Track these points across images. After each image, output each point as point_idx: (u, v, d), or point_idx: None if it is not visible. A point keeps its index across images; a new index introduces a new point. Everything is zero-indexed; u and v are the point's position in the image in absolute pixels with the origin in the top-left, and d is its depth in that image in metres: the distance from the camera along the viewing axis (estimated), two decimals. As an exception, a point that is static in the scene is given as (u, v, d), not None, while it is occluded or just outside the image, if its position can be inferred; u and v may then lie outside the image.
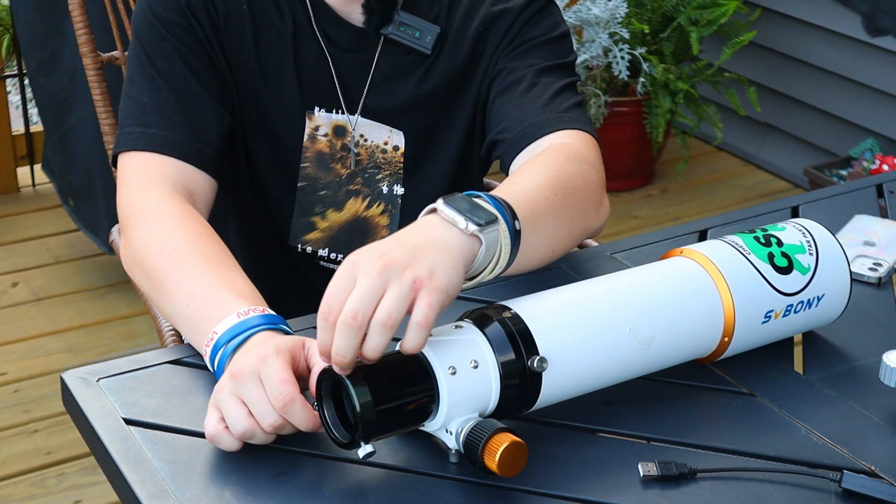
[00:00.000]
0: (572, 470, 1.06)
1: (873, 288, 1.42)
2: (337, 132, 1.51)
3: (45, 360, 2.77)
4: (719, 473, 1.07)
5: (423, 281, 0.99)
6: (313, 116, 1.50)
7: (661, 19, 3.57)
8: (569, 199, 1.26)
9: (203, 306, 1.16)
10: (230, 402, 1.03)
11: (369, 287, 0.98)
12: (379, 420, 0.99)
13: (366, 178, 1.53)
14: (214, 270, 1.21)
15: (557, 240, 1.28)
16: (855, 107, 3.59)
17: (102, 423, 1.10)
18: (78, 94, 2.88)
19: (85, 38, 1.78)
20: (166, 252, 1.24)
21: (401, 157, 1.53)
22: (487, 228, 1.07)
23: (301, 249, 1.56)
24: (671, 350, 1.16)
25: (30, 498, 2.36)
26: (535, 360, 1.04)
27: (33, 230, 3.32)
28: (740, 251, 1.20)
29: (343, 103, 1.50)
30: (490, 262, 1.09)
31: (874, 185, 1.69)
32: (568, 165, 1.31)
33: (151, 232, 1.28)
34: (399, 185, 1.54)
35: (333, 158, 1.52)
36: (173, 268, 1.22)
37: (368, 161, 1.52)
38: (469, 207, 1.07)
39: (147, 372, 1.18)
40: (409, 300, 0.99)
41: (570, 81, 1.49)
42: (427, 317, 0.98)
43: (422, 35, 1.49)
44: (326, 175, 1.52)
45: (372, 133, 1.52)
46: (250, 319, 1.11)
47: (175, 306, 1.20)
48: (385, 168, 1.53)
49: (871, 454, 1.11)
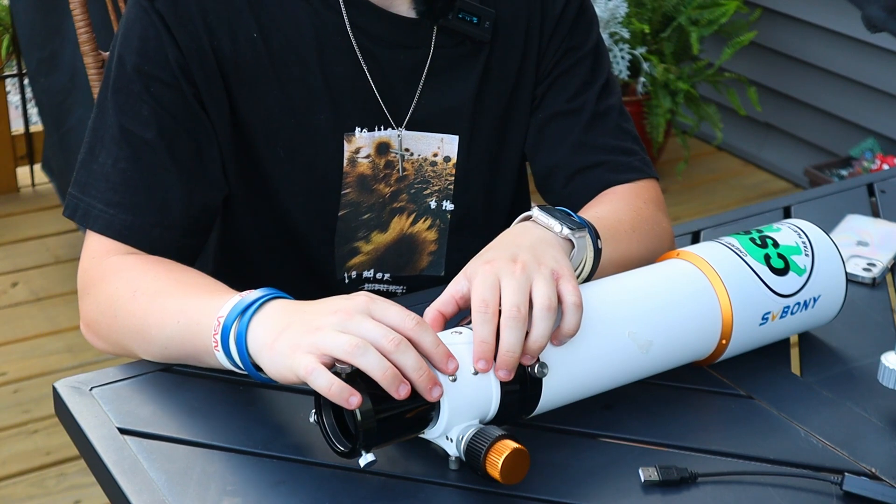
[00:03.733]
0: (573, 475, 1.06)
1: (867, 288, 1.42)
2: (380, 150, 1.37)
3: (44, 360, 2.77)
4: (720, 477, 1.07)
5: (558, 271, 1.09)
6: (353, 139, 1.35)
7: (662, 19, 3.57)
8: (644, 240, 1.33)
9: (197, 311, 1.13)
10: (337, 333, 1.00)
11: (518, 284, 1.05)
12: (380, 428, 0.99)
13: (412, 193, 1.40)
14: (199, 287, 1.17)
15: (626, 266, 1.28)
16: (855, 107, 3.59)
17: (97, 433, 1.09)
18: (78, 94, 2.88)
19: (86, 37, 1.77)
20: (140, 293, 1.18)
21: (452, 169, 1.40)
22: (578, 233, 1.17)
23: (344, 277, 1.43)
24: (669, 353, 1.16)
25: (30, 498, 2.36)
26: (536, 366, 1.04)
27: (33, 230, 3.32)
28: (737, 253, 1.20)
29: (388, 115, 1.36)
30: (577, 269, 1.18)
31: (865, 184, 1.69)
32: (646, 209, 1.38)
33: (117, 284, 1.22)
34: (448, 201, 1.41)
35: (376, 179, 1.38)
36: (153, 301, 1.17)
37: (416, 176, 1.40)
38: (562, 216, 1.18)
39: (140, 380, 1.17)
40: (555, 289, 1.07)
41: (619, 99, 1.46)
42: (579, 297, 1.07)
43: (480, 20, 1.35)
44: (369, 198, 1.39)
45: (419, 146, 1.38)
46: (253, 294, 1.08)
47: (164, 330, 1.15)
48: (434, 183, 1.40)
49: (872, 456, 1.11)
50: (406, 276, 1.45)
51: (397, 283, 1.45)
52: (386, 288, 1.45)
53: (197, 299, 1.15)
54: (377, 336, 1.00)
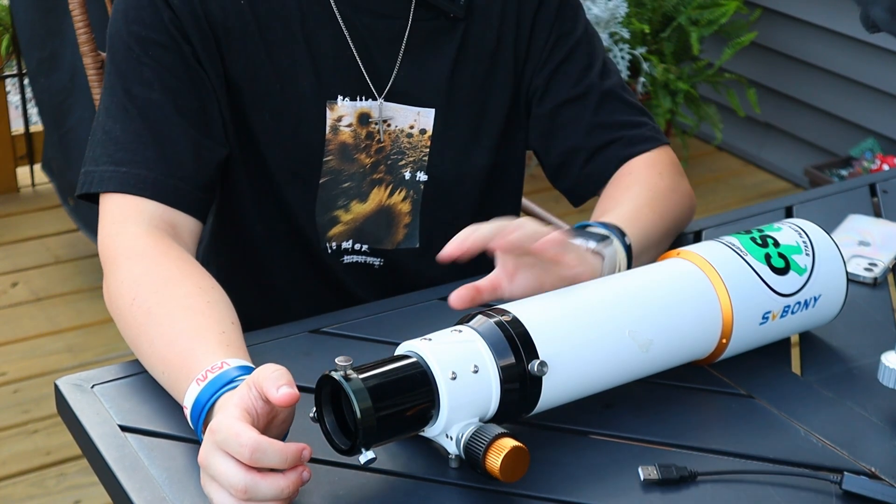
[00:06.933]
0: (572, 474, 1.06)
1: (869, 288, 1.42)
2: (361, 120, 1.42)
3: (44, 360, 2.77)
4: (720, 476, 1.07)
5: None
6: (335, 107, 1.41)
7: (662, 19, 3.57)
8: (666, 213, 1.41)
9: (175, 376, 1.11)
10: (210, 489, 0.99)
11: None
12: (380, 426, 0.98)
13: (388, 164, 1.45)
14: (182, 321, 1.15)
15: (659, 246, 1.38)
16: (855, 107, 3.59)
17: (98, 430, 1.10)
18: (78, 94, 2.88)
19: (85, 38, 1.78)
20: (137, 304, 1.18)
21: (427, 141, 1.45)
22: (604, 244, 1.24)
23: (327, 247, 1.47)
24: (670, 352, 1.16)
25: (30, 498, 2.37)
26: (536, 364, 1.04)
27: (33, 230, 3.32)
28: (737, 252, 1.20)
29: (370, 84, 1.41)
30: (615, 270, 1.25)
31: (867, 184, 1.70)
32: (661, 181, 1.44)
33: (124, 276, 1.22)
34: (422, 172, 1.46)
35: (357, 149, 1.43)
36: (145, 324, 1.16)
37: (392, 147, 1.44)
38: (585, 234, 1.24)
39: (141, 378, 1.17)
40: None
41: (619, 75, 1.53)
42: None
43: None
44: (350, 166, 1.43)
45: (398, 117, 1.43)
46: (210, 385, 1.05)
47: (154, 371, 1.15)
48: (409, 154, 1.45)
49: (871, 456, 1.11)
50: (383, 250, 1.48)
51: (375, 256, 1.48)
52: (364, 259, 1.48)
53: (177, 352, 1.12)
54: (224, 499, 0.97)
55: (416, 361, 1.02)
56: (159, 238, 1.26)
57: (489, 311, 1.08)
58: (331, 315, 1.31)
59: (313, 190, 1.43)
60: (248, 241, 1.49)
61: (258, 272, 1.50)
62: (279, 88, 1.39)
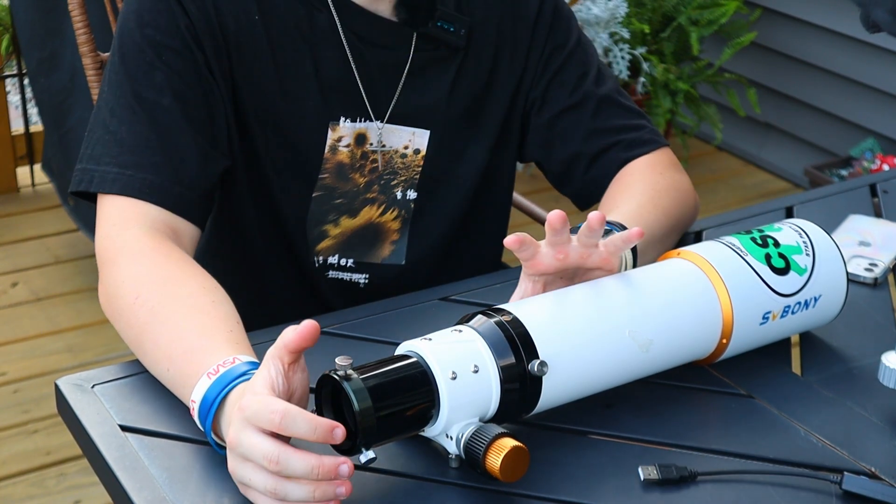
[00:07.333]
0: (572, 474, 1.06)
1: (869, 288, 1.42)
2: (358, 140, 1.44)
3: (44, 360, 2.77)
4: (720, 476, 1.07)
5: None
6: (337, 127, 1.42)
7: (662, 19, 3.57)
8: (669, 210, 1.42)
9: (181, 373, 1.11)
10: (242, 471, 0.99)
11: None
12: (380, 426, 0.99)
13: (381, 184, 1.47)
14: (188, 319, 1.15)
15: (664, 242, 1.40)
16: (855, 107, 3.59)
17: (98, 430, 1.10)
18: (78, 94, 2.88)
19: (85, 38, 1.78)
20: (140, 303, 1.17)
21: (420, 161, 1.47)
22: None
23: (314, 261, 1.47)
24: (670, 352, 1.16)
25: (30, 498, 2.36)
26: (536, 364, 1.04)
27: (33, 230, 3.32)
28: (737, 252, 1.20)
29: (369, 109, 1.43)
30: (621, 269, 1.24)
31: (868, 184, 1.70)
32: (662, 180, 1.47)
33: (125, 275, 1.21)
34: (412, 190, 1.48)
35: (353, 168, 1.45)
36: (149, 323, 1.16)
37: (385, 167, 1.46)
38: None
39: (142, 378, 1.17)
40: None
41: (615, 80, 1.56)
42: None
43: (456, 28, 1.44)
44: (344, 185, 1.45)
45: (392, 138, 1.45)
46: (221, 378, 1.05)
47: (157, 368, 1.15)
48: (402, 173, 1.47)
49: (871, 456, 1.11)
50: (368, 264, 1.49)
51: (360, 272, 1.49)
52: (349, 277, 1.49)
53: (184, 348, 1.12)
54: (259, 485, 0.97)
55: (416, 361, 1.02)
56: (161, 240, 1.26)
57: (489, 310, 1.08)
58: (331, 315, 1.31)
59: (306, 203, 1.45)
60: (244, 250, 1.49)
61: (252, 281, 1.50)
62: (284, 106, 1.40)
